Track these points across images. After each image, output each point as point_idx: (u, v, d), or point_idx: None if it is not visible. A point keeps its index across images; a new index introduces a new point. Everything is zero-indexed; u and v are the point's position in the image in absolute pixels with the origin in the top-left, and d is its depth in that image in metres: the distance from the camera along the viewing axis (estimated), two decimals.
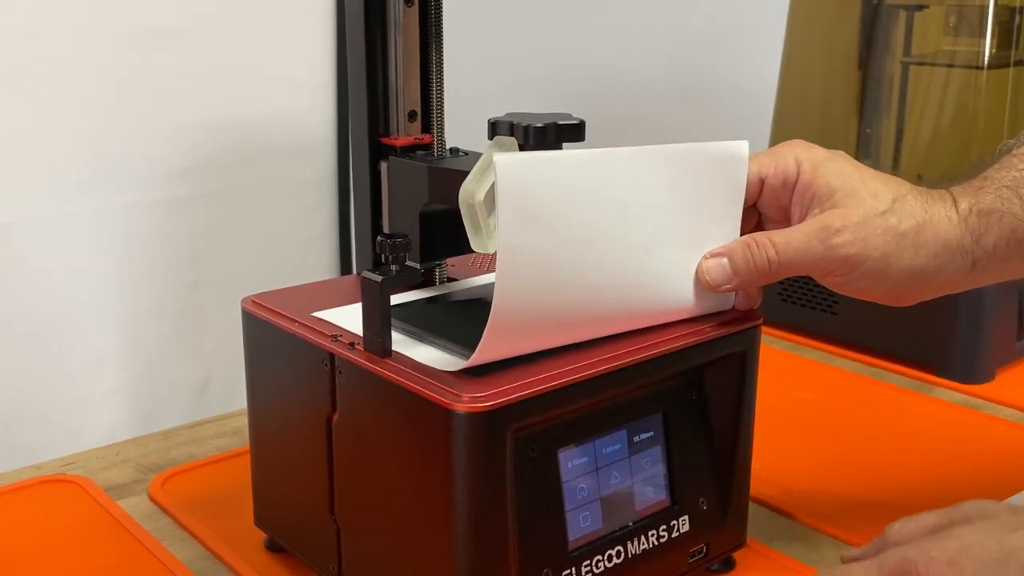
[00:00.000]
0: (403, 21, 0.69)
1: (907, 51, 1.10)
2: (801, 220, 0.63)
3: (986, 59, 1.02)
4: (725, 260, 0.62)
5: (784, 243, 0.62)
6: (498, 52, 1.27)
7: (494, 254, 0.53)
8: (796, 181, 0.63)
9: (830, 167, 0.63)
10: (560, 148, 0.60)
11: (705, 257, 0.62)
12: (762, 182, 0.64)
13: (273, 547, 0.70)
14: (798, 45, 1.17)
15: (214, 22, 1.06)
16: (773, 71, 1.20)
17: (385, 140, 0.70)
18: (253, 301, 0.66)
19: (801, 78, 1.18)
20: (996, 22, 1.02)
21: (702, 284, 0.62)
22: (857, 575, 0.55)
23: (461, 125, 0.75)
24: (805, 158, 0.63)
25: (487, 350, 0.54)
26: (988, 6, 1.01)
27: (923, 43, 1.10)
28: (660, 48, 1.49)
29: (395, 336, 0.58)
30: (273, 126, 1.13)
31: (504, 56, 1.29)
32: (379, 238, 0.57)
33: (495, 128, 0.60)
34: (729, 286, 0.62)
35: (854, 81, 1.15)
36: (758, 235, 0.62)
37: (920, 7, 1.09)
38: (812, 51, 1.18)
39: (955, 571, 0.51)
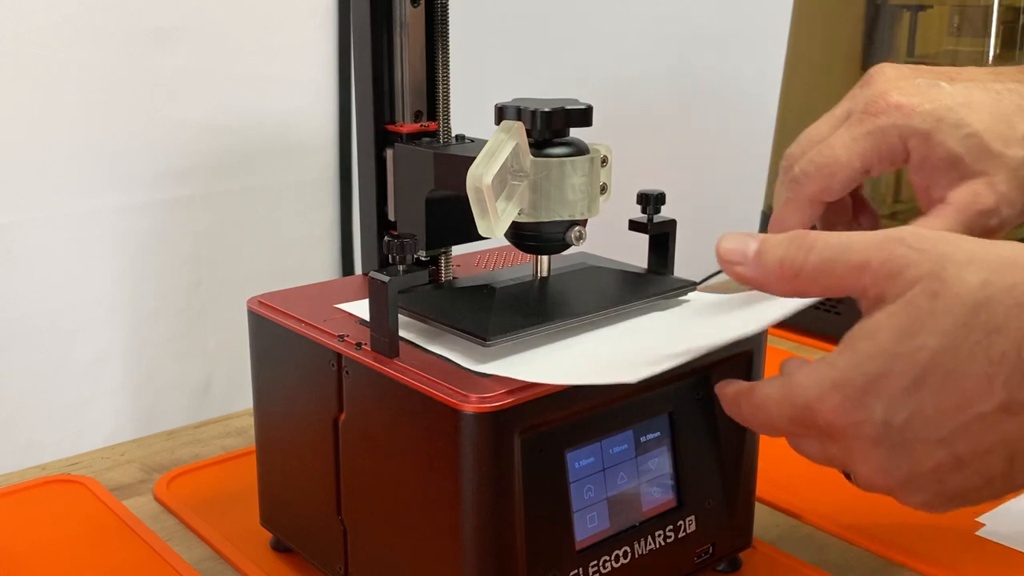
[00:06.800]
0: (408, 21, 0.69)
1: (911, 51, 1.10)
2: (942, 199, 0.53)
3: (990, 59, 1.02)
4: None
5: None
6: (501, 55, 1.27)
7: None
8: (909, 161, 0.53)
9: (945, 128, 0.52)
10: (568, 134, 0.60)
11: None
12: (867, 173, 0.56)
13: (279, 547, 0.70)
14: (801, 45, 1.17)
15: (214, 22, 1.06)
16: (777, 71, 1.20)
17: (391, 127, 0.70)
18: (259, 301, 0.66)
19: (804, 78, 1.17)
20: (1000, 22, 1.01)
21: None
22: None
23: (465, 118, 0.75)
24: (911, 130, 0.53)
25: None
26: (992, 6, 1.01)
27: (926, 43, 1.09)
28: (664, 48, 1.49)
29: (403, 324, 0.58)
30: (274, 126, 1.13)
31: (507, 59, 1.29)
32: (386, 238, 0.57)
33: (502, 113, 0.59)
34: None
35: (857, 81, 1.14)
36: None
37: (923, 7, 1.09)
38: (815, 51, 1.18)
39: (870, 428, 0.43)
